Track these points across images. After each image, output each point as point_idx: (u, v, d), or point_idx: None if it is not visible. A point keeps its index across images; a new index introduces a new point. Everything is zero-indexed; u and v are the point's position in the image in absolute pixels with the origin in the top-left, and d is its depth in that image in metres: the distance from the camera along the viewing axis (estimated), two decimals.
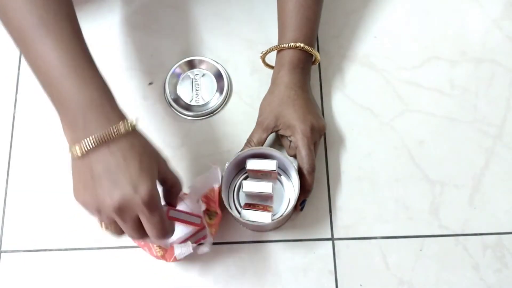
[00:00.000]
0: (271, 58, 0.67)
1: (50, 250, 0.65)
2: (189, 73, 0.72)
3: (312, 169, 0.61)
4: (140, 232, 0.49)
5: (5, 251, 0.65)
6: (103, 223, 0.50)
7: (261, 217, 0.59)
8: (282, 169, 0.64)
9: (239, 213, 0.60)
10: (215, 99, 0.71)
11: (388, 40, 0.74)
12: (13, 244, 0.65)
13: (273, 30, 0.68)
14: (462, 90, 0.71)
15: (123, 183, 0.45)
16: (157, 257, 0.58)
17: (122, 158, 0.46)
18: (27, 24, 0.47)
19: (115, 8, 0.76)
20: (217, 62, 0.72)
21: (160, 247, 0.58)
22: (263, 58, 0.68)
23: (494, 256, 0.64)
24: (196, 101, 0.71)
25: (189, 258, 0.64)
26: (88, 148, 0.45)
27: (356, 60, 0.73)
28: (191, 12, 0.76)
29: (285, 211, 0.61)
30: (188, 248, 0.57)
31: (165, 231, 0.49)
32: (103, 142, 0.46)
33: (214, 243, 0.64)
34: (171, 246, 0.58)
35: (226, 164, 0.60)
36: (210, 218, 0.61)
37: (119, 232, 0.50)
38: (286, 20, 0.64)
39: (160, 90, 0.71)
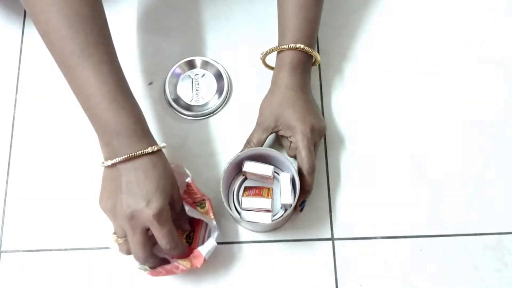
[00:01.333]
0: (271, 59, 0.67)
1: (50, 250, 0.65)
2: (189, 73, 0.72)
3: (312, 169, 0.61)
4: (145, 249, 0.54)
5: (5, 251, 0.65)
6: (115, 236, 0.56)
7: (261, 218, 0.59)
8: (282, 170, 0.64)
9: (239, 213, 0.60)
10: (215, 99, 0.71)
11: (388, 40, 0.74)
12: (13, 244, 0.65)
13: (273, 30, 0.68)
14: (462, 90, 0.71)
15: (138, 196, 0.52)
16: (187, 269, 0.58)
17: (143, 175, 0.53)
18: (69, 51, 0.52)
19: (115, 8, 0.76)
20: (217, 62, 0.72)
21: (183, 259, 0.59)
22: (263, 59, 0.68)
23: (494, 256, 0.64)
24: (196, 101, 0.71)
25: None
26: (117, 161, 0.53)
27: (356, 60, 0.73)
28: (191, 12, 0.76)
29: (284, 212, 0.61)
30: (211, 243, 0.59)
31: (175, 243, 0.55)
32: (129, 160, 0.53)
33: None
34: (195, 251, 0.59)
35: (226, 165, 0.60)
36: (202, 208, 0.62)
37: (127, 249, 0.56)
38: (286, 21, 0.64)
39: (160, 90, 0.71)
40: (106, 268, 0.64)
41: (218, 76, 0.72)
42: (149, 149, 0.54)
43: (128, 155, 0.52)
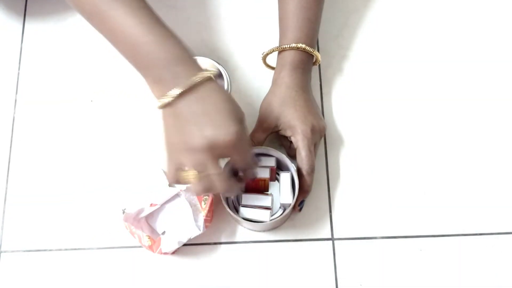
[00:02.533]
0: (272, 59, 0.67)
1: (50, 250, 0.65)
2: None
3: (311, 170, 0.61)
4: (230, 178, 0.52)
5: (5, 251, 0.65)
6: (191, 173, 0.51)
7: (260, 215, 0.58)
8: (282, 169, 0.64)
9: (238, 212, 0.60)
10: None
11: (388, 40, 0.74)
12: (13, 244, 0.65)
13: (273, 30, 0.68)
14: (462, 90, 0.71)
15: (212, 124, 0.49)
16: (145, 247, 0.60)
17: (209, 104, 0.50)
18: (93, 0, 0.51)
19: None
20: (217, 62, 0.72)
21: (149, 237, 0.60)
22: (264, 59, 0.68)
23: (494, 256, 0.64)
24: None
25: (189, 258, 0.64)
26: (176, 95, 0.49)
27: (356, 60, 0.73)
28: (191, 12, 0.76)
29: (283, 212, 0.61)
30: (174, 244, 0.60)
31: (256, 163, 0.56)
32: (189, 90, 0.49)
33: (214, 243, 0.64)
34: (159, 238, 0.60)
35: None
36: (204, 203, 0.63)
37: (206, 186, 0.51)
38: (287, 21, 0.64)
39: None
40: (106, 268, 0.64)
41: (218, 76, 0.71)
42: (206, 74, 0.50)
43: (188, 86, 0.49)
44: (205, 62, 0.72)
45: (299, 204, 0.62)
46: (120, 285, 0.63)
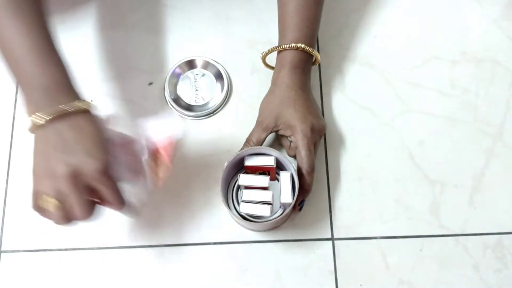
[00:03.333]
0: (272, 59, 0.67)
1: (50, 250, 0.65)
2: (189, 73, 0.72)
3: (312, 169, 0.61)
4: (91, 208, 0.50)
5: (5, 251, 0.65)
6: (51, 200, 0.49)
7: (261, 210, 0.58)
8: (282, 169, 0.64)
9: (238, 212, 0.60)
10: (215, 99, 0.71)
11: (388, 40, 0.74)
12: (13, 244, 0.65)
13: (273, 30, 0.68)
14: (462, 90, 0.71)
15: (80, 153, 0.48)
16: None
17: (79, 132, 0.49)
18: None
19: (115, 8, 0.76)
20: (217, 62, 0.72)
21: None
22: (263, 59, 0.68)
23: (494, 256, 0.64)
24: (196, 101, 0.71)
25: (188, 258, 0.64)
26: (48, 118, 0.48)
27: (356, 60, 0.73)
28: (191, 12, 0.76)
29: (283, 211, 0.61)
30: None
31: (121, 198, 0.52)
32: (62, 116, 0.49)
33: (214, 243, 0.64)
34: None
35: (225, 164, 0.60)
36: (156, 165, 0.57)
37: (64, 215, 0.50)
38: (286, 21, 0.64)
39: (160, 90, 0.71)
40: (106, 268, 0.64)
41: (218, 76, 0.72)
42: (84, 106, 0.50)
43: (61, 112, 0.48)
44: (205, 62, 0.72)
45: (299, 204, 0.62)
46: (120, 285, 0.63)
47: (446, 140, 0.69)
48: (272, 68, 0.67)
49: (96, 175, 0.48)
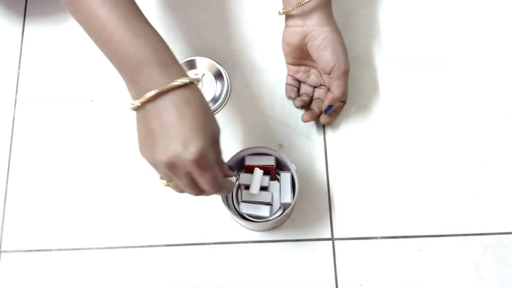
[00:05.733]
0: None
1: (50, 250, 0.65)
2: (189, 73, 0.72)
3: (343, 71, 0.62)
4: (195, 189, 0.49)
5: (5, 251, 0.65)
6: (163, 181, 0.50)
7: (260, 211, 0.58)
8: (282, 169, 0.64)
9: (238, 212, 0.60)
10: (215, 99, 0.70)
11: (388, 40, 0.74)
12: (13, 244, 0.65)
13: (273, 30, 0.68)
14: (462, 90, 0.71)
15: (174, 140, 0.46)
16: None
17: (176, 114, 0.46)
18: None
19: None
20: (217, 62, 0.72)
21: None
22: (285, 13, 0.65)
23: (494, 256, 0.64)
24: None
25: (188, 258, 0.64)
26: (144, 100, 0.46)
27: (356, 60, 0.73)
28: (191, 12, 0.76)
29: (283, 211, 0.61)
30: None
31: (219, 187, 0.49)
32: (160, 95, 0.46)
33: (213, 243, 0.64)
34: None
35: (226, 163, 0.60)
36: None
37: (178, 188, 0.50)
38: None
39: None
40: (106, 268, 0.64)
41: (218, 76, 0.72)
42: (178, 82, 0.46)
43: (155, 92, 0.45)
44: (205, 62, 0.72)
45: (326, 109, 0.65)
46: (120, 285, 0.63)
47: (446, 140, 0.69)
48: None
49: (191, 165, 0.46)
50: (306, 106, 0.68)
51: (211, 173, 0.48)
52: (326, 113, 0.66)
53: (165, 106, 0.46)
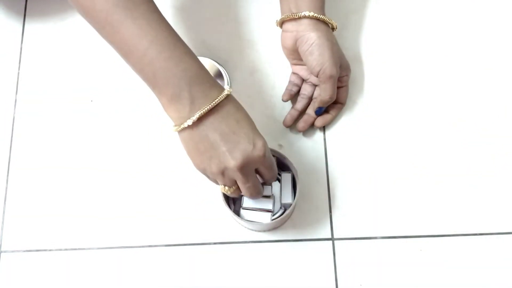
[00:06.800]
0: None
1: (50, 250, 0.65)
2: None
3: (329, 76, 0.63)
4: (259, 188, 0.55)
5: (5, 251, 0.65)
6: (224, 186, 0.54)
7: (261, 217, 0.59)
8: (282, 169, 0.64)
9: (239, 213, 0.60)
10: None
11: (388, 40, 0.74)
12: (13, 244, 0.65)
13: (273, 29, 0.68)
14: (462, 90, 0.71)
15: (243, 143, 0.50)
16: None
17: (234, 121, 0.50)
18: (108, 9, 0.48)
19: None
20: (217, 62, 0.72)
21: None
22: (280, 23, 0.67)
23: (494, 256, 0.64)
24: None
25: (188, 258, 0.64)
26: (198, 118, 0.48)
27: (356, 60, 0.73)
28: (192, 12, 0.76)
29: (284, 212, 0.61)
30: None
31: (276, 175, 0.57)
32: (211, 112, 0.49)
33: (213, 243, 0.64)
34: None
35: None
36: None
37: (238, 193, 0.55)
38: None
39: None
40: (106, 268, 0.64)
41: (218, 76, 0.72)
42: (226, 92, 0.50)
43: (209, 107, 0.48)
44: (205, 62, 0.72)
45: (316, 110, 0.66)
46: (120, 285, 0.63)
47: (446, 140, 0.69)
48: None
49: (261, 160, 0.51)
50: (292, 98, 0.69)
51: (274, 164, 0.55)
52: (317, 114, 0.67)
53: (221, 117, 0.50)
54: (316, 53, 0.63)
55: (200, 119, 0.49)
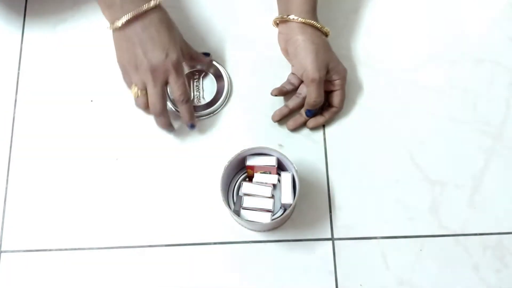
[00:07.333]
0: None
1: (50, 250, 0.65)
2: (189, 73, 0.72)
3: (311, 79, 0.63)
4: (162, 100, 0.62)
5: (5, 251, 0.65)
6: (135, 86, 0.62)
7: (261, 217, 0.59)
8: (282, 169, 0.64)
9: (238, 213, 0.60)
10: (215, 99, 0.70)
11: (388, 40, 0.74)
12: (13, 244, 0.65)
13: (273, 29, 0.68)
14: (462, 90, 0.71)
15: (157, 50, 0.59)
16: None
17: (155, 31, 0.59)
18: None
19: None
20: (217, 62, 0.72)
21: None
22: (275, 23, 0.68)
23: (494, 256, 0.64)
24: (196, 101, 0.71)
25: (188, 258, 0.64)
26: (124, 22, 0.58)
27: (356, 60, 0.73)
28: (191, 12, 0.76)
29: (284, 212, 0.61)
30: None
31: (188, 96, 0.64)
32: (137, 17, 0.59)
33: (213, 243, 0.64)
34: None
35: (226, 163, 0.60)
36: None
37: (145, 102, 0.63)
38: None
39: None
40: (106, 268, 0.64)
41: (218, 76, 0.72)
42: (152, 4, 0.58)
43: (136, 13, 0.58)
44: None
45: (306, 112, 0.67)
46: (120, 285, 0.63)
47: (446, 140, 0.69)
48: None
49: (170, 70, 0.60)
50: (282, 94, 0.69)
51: (184, 79, 0.62)
52: (307, 116, 0.67)
53: (143, 26, 0.59)
54: (300, 56, 0.64)
55: (128, 23, 0.59)
